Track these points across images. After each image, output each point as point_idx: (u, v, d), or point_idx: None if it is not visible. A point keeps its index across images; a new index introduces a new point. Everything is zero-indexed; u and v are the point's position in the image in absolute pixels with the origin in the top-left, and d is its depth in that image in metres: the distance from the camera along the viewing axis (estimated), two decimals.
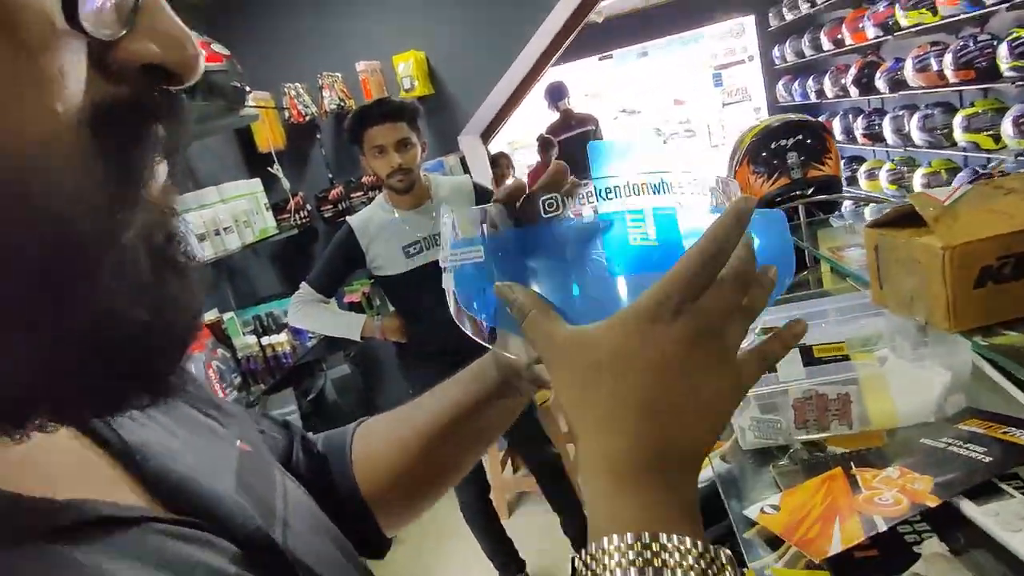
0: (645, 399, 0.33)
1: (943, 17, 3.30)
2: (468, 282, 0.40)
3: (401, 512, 0.58)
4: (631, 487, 0.32)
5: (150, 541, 0.28)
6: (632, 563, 0.29)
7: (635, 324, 0.33)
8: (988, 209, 0.76)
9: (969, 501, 0.61)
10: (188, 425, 0.39)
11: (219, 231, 2.31)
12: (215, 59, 2.29)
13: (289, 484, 0.43)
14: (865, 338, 0.92)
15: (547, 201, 0.39)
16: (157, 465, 0.33)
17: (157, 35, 0.26)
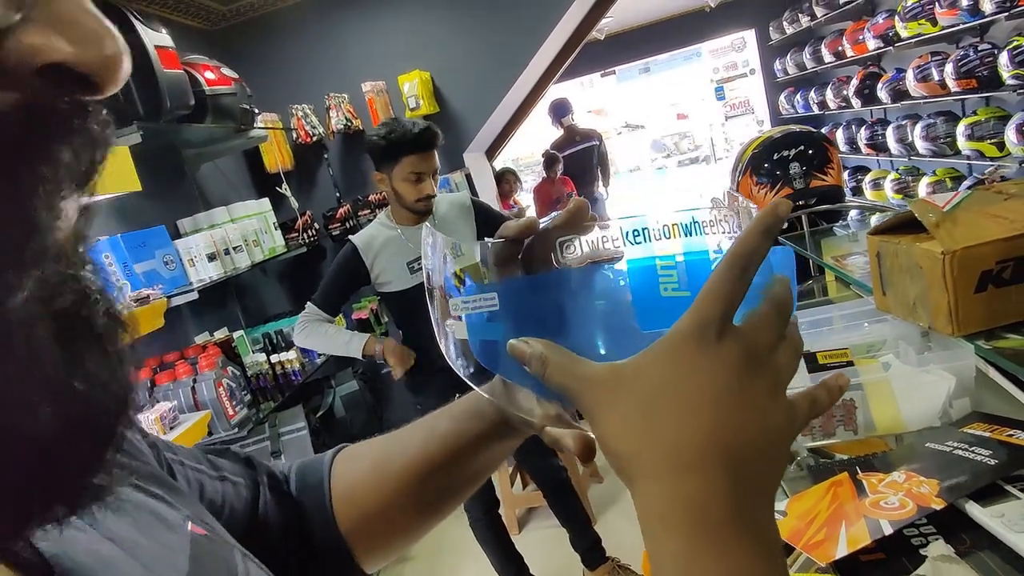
0: (714, 433, 0.29)
1: (943, 27, 3.32)
2: (482, 333, 0.36)
3: (384, 545, 0.53)
4: (713, 540, 0.28)
5: None
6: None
7: (682, 351, 0.30)
8: (987, 214, 0.77)
9: (975, 503, 0.61)
10: (129, 513, 0.32)
11: (229, 250, 2.35)
12: (224, 82, 2.34)
13: (252, 569, 0.37)
14: (869, 344, 0.92)
15: (564, 243, 0.35)
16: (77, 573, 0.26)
17: (64, 26, 0.19)
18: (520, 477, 3.11)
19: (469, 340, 0.37)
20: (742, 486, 0.28)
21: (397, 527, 0.52)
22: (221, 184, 2.95)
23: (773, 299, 0.31)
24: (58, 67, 0.19)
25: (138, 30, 1.83)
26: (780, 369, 0.31)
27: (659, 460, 0.29)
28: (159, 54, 1.88)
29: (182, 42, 2.30)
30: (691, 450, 0.29)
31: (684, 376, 0.30)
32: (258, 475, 0.51)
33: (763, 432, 0.30)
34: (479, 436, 0.48)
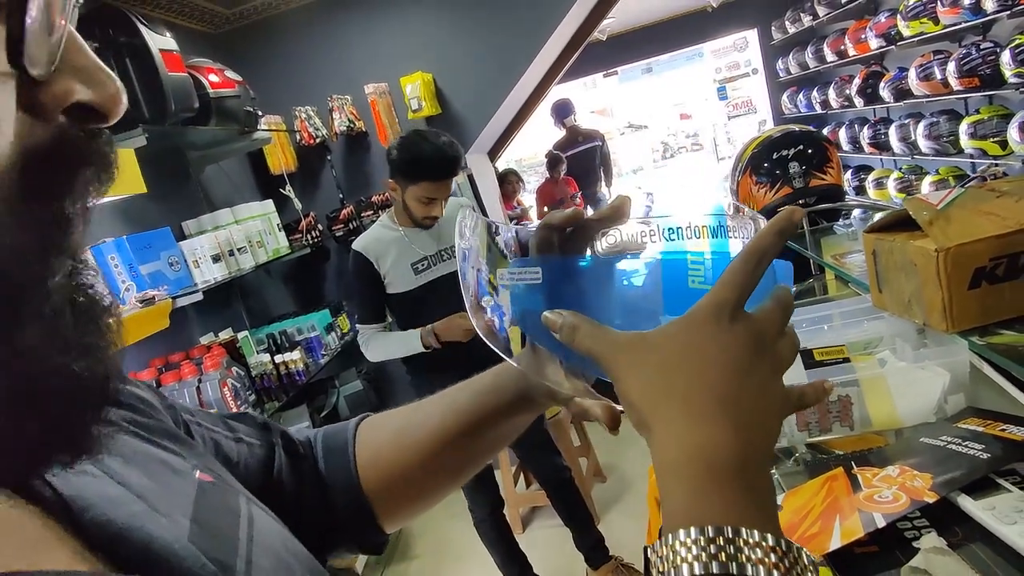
0: (726, 389, 0.33)
1: (945, 26, 3.32)
2: (523, 302, 0.41)
3: (402, 509, 0.57)
4: (716, 481, 0.31)
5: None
6: (714, 557, 0.28)
7: (699, 325, 0.35)
8: (980, 211, 0.78)
9: (967, 496, 0.62)
10: (139, 463, 0.36)
11: (233, 251, 2.36)
12: (228, 85, 2.36)
13: (256, 512, 0.40)
14: (866, 341, 0.93)
15: (605, 234, 0.40)
16: (96, 516, 0.30)
17: (80, 74, 0.26)
18: (523, 476, 3.12)
19: (512, 308, 0.41)
20: (745, 441, 0.32)
21: (417, 491, 0.56)
22: (225, 186, 2.97)
23: (778, 298, 0.37)
24: (79, 105, 0.26)
25: (143, 34, 1.85)
26: (781, 356, 0.36)
27: (674, 411, 0.34)
28: (164, 58, 1.90)
29: (186, 45, 2.32)
30: (703, 404, 0.33)
31: (700, 345, 0.34)
32: (273, 437, 0.54)
33: (764, 401, 0.34)
34: (497, 409, 0.52)
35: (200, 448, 0.45)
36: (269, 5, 3.12)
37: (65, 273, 0.25)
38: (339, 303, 3.14)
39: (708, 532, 0.29)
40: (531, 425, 2.05)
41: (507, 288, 0.41)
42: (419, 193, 1.96)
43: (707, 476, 0.32)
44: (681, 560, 0.29)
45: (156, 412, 0.43)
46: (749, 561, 0.28)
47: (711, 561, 0.29)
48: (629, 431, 0.38)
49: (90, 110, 0.26)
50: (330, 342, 2.86)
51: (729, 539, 0.29)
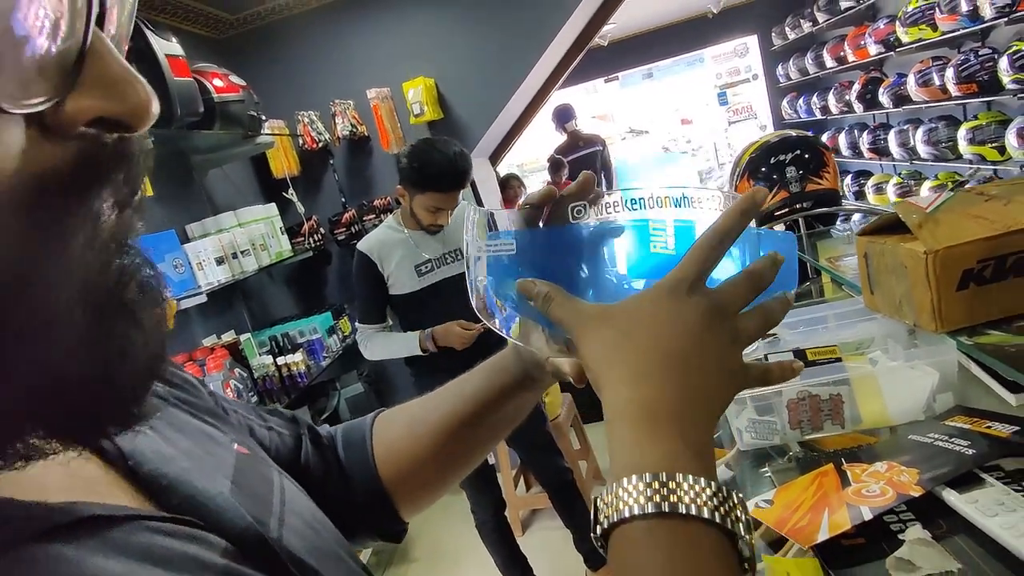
0: (670, 353, 0.36)
1: (943, 32, 3.35)
2: (499, 272, 0.44)
3: (419, 496, 0.60)
4: (653, 433, 0.34)
5: (139, 538, 0.29)
6: (650, 499, 0.31)
7: (657, 297, 0.38)
8: (969, 214, 0.80)
9: (951, 490, 0.64)
10: (187, 432, 0.41)
11: (236, 254, 2.39)
12: (232, 89, 2.39)
13: (287, 484, 0.45)
14: (858, 342, 0.95)
15: (575, 208, 0.43)
16: (151, 469, 0.34)
17: (104, 85, 0.25)
18: (524, 479, 3.13)
19: (488, 278, 0.44)
20: (686, 399, 0.36)
21: (433, 477, 0.60)
22: (229, 189, 3.00)
23: (749, 272, 0.39)
24: (100, 118, 0.25)
25: (149, 40, 1.88)
26: (741, 329, 0.38)
27: (624, 371, 0.37)
28: (170, 63, 1.93)
29: (192, 50, 2.35)
30: (648, 364, 0.36)
31: (654, 314, 0.37)
32: (300, 429, 0.59)
33: (713, 366, 0.37)
34: (503, 388, 0.56)
35: (236, 426, 0.50)
36: (273, 11, 3.15)
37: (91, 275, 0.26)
38: (341, 306, 3.16)
39: (646, 478, 0.32)
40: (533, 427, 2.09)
41: (484, 260, 0.44)
42: (427, 202, 1.99)
43: (645, 427, 0.35)
44: (623, 504, 0.32)
45: (200, 393, 0.48)
46: (681, 501, 0.31)
47: (648, 503, 0.31)
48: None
49: (114, 121, 0.25)
50: (332, 344, 2.88)
51: (664, 483, 0.32)
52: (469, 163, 1.99)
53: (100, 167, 0.26)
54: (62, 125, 0.24)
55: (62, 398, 0.26)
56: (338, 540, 0.45)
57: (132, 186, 0.28)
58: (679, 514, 0.31)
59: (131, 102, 0.25)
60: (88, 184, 0.26)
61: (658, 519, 0.31)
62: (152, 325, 0.29)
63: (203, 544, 0.32)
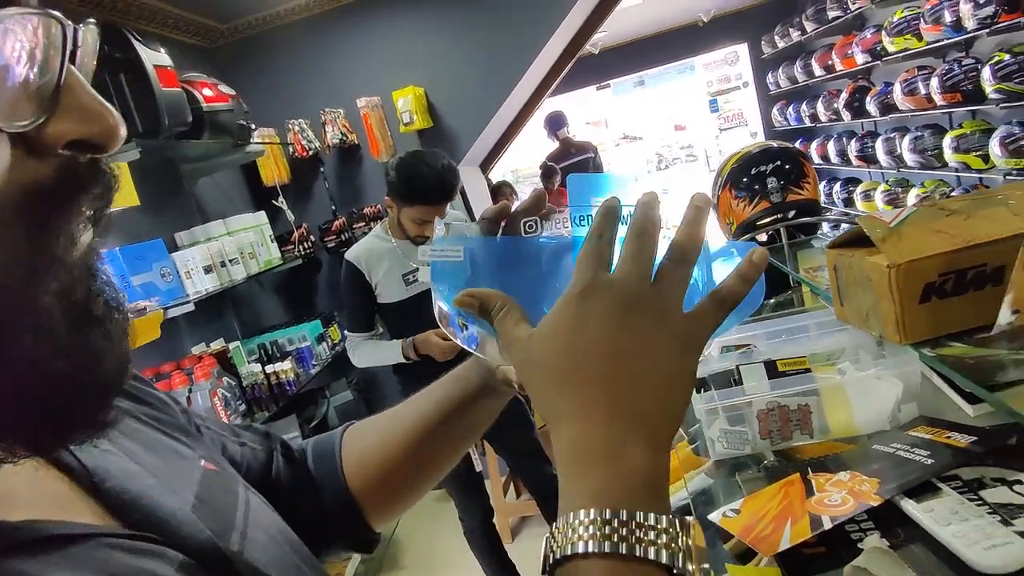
0: (590, 379, 0.34)
1: (928, 43, 3.39)
2: (443, 278, 0.45)
3: (389, 506, 0.61)
4: (592, 469, 0.33)
5: (99, 554, 0.31)
6: (600, 534, 0.31)
7: (564, 312, 0.36)
8: (931, 229, 0.82)
9: (909, 500, 0.65)
10: (153, 449, 0.42)
11: (225, 262, 2.39)
12: (221, 99, 2.40)
13: (253, 499, 0.45)
14: (829, 352, 0.97)
15: (527, 223, 0.44)
16: (114, 485, 0.35)
17: (80, 112, 0.29)
18: (514, 486, 3.14)
19: (433, 284, 0.45)
20: (618, 425, 0.34)
21: (403, 486, 0.61)
22: (218, 198, 3.01)
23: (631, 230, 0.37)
24: (76, 141, 0.29)
25: (138, 50, 1.89)
26: (664, 295, 0.36)
27: (559, 412, 0.35)
28: (158, 73, 1.94)
29: (181, 59, 2.36)
30: (578, 403, 0.35)
31: (567, 336, 0.36)
32: (273, 444, 0.61)
33: (648, 363, 0.35)
34: (466, 397, 0.57)
35: (207, 443, 0.51)
36: (263, 20, 3.17)
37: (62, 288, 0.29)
38: (330, 314, 3.17)
39: (599, 514, 0.31)
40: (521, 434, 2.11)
41: (427, 264, 0.45)
42: (414, 215, 2.01)
43: (578, 467, 0.34)
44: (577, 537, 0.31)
45: (171, 411, 0.49)
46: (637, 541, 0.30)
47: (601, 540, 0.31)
48: None
49: (88, 143, 0.30)
50: (321, 352, 2.89)
51: (615, 520, 0.31)
52: (456, 176, 2.00)
53: (78, 181, 0.30)
54: (44, 145, 0.28)
55: (34, 403, 0.28)
56: (304, 555, 0.45)
57: (103, 202, 0.31)
58: (633, 556, 0.30)
59: (102, 126, 0.30)
60: (69, 195, 0.29)
61: (609, 559, 0.30)
62: (118, 338, 0.31)
63: (161, 559, 0.33)
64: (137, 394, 0.47)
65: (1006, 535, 0.56)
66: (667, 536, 0.31)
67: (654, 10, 5.25)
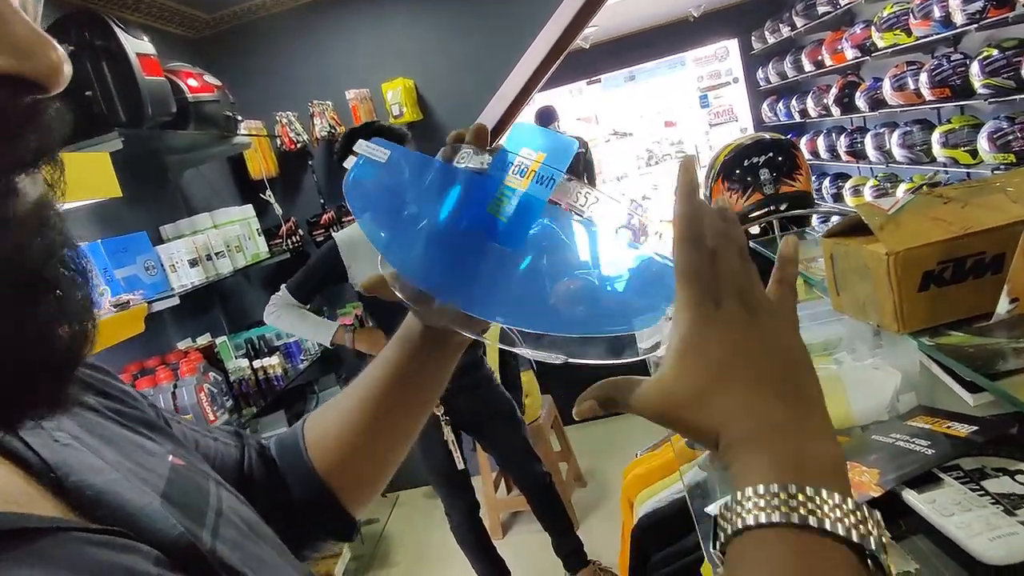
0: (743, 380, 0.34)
1: (917, 38, 3.40)
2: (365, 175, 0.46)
3: (360, 484, 0.60)
4: (769, 445, 0.33)
5: (68, 549, 0.28)
6: (785, 507, 0.29)
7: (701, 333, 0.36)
8: (929, 217, 0.81)
9: (911, 490, 0.64)
10: (117, 444, 0.40)
11: (211, 256, 2.35)
12: (207, 89, 2.36)
13: (224, 494, 0.43)
14: (826, 343, 0.96)
15: (462, 152, 0.44)
16: (77, 480, 0.33)
17: (11, 45, 0.25)
18: (505, 482, 3.12)
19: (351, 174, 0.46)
20: (791, 407, 0.34)
21: (367, 462, 0.59)
22: (205, 190, 2.96)
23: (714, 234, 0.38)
24: (9, 77, 0.25)
25: (119, 37, 1.85)
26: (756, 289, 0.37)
27: (714, 425, 0.35)
28: (140, 61, 1.90)
29: (165, 50, 2.32)
30: (732, 403, 0.34)
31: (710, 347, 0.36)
32: (245, 440, 0.60)
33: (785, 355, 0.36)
34: (411, 356, 0.57)
35: (176, 437, 0.48)
36: (250, 10, 3.12)
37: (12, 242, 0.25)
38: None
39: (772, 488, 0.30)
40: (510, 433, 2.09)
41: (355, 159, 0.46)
42: None
43: (755, 444, 0.33)
44: (753, 512, 0.30)
45: (138, 404, 0.47)
46: (813, 514, 0.29)
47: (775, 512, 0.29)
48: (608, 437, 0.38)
49: (25, 81, 0.26)
50: (309, 348, 2.85)
51: (791, 494, 0.30)
52: (396, 126, 2.09)
53: (13, 125, 0.26)
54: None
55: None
56: (279, 549, 0.44)
57: (46, 150, 0.27)
58: (813, 528, 0.29)
59: (41, 63, 0.26)
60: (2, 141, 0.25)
61: (794, 531, 0.29)
62: (76, 305, 0.28)
63: (136, 554, 0.31)
64: (100, 387, 0.45)
65: (1010, 525, 0.55)
66: (855, 517, 0.30)
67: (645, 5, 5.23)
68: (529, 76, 3.58)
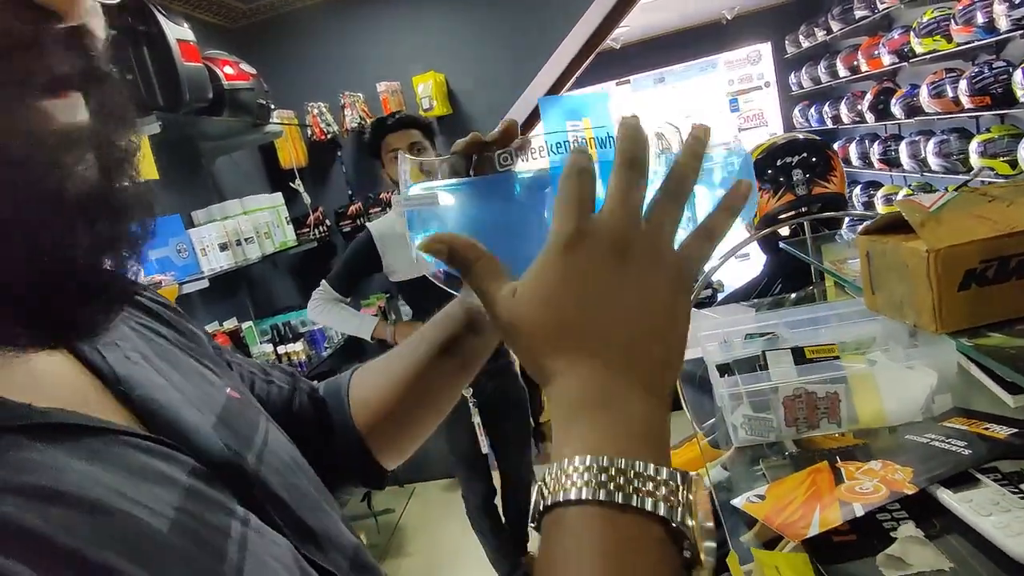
0: (583, 334, 0.33)
1: (958, 44, 3.33)
2: (419, 225, 0.42)
3: (395, 444, 0.63)
4: (587, 416, 0.32)
5: (113, 448, 0.31)
6: (595, 481, 0.29)
7: (548, 265, 0.34)
8: (972, 214, 0.79)
9: (946, 489, 0.63)
10: (182, 370, 0.43)
11: (240, 241, 2.39)
12: (242, 77, 2.39)
13: (272, 430, 0.46)
14: (858, 342, 0.94)
15: (501, 155, 0.41)
16: (141, 394, 0.36)
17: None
18: None
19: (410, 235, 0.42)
20: (614, 373, 0.32)
21: (403, 422, 0.62)
22: (236, 177, 3.01)
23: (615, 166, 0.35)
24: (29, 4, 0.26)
25: (161, 23, 1.89)
26: (656, 237, 0.34)
27: (547, 365, 0.34)
28: (180, 47, 1.94)
29: (203, 38, 2.36)
30: (569, 355, 0.33)
31: (556, 288, 0.34)
32: (298, 383, 0.63)
33: (643, 310, 0.33)
34: (453, 336, 0.59)
35: (236, 378, 0.53)
36: (285, 1, 3.16)
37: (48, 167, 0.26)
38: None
39: (595, 461, 0.29)
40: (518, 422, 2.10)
41: (404, 214, 0.43)
42: (387, 152, 2.11)
43: (569, 416, 0.32)
44: (566, 486, 0.29)
45: (202, 342, 0.51)
46: (630, 491, 0.28)
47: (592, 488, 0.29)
48: None
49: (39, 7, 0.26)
50: (333, 336, 2.88)
51: (611, 468, 0.29)
52: (421, 116, 2.16)
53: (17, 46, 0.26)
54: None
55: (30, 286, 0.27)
56: (316, 485, 0.46)
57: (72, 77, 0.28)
58: (629, 506, 0.28)
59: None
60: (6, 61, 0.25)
61: (602, 507, 0.28)
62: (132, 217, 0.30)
63: (175, 462, 0.33)
64: (174, 322, 0.49)
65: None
66: (666, 488, 0.29)
67: (678, 6, 5.19)
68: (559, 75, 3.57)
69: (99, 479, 0.29)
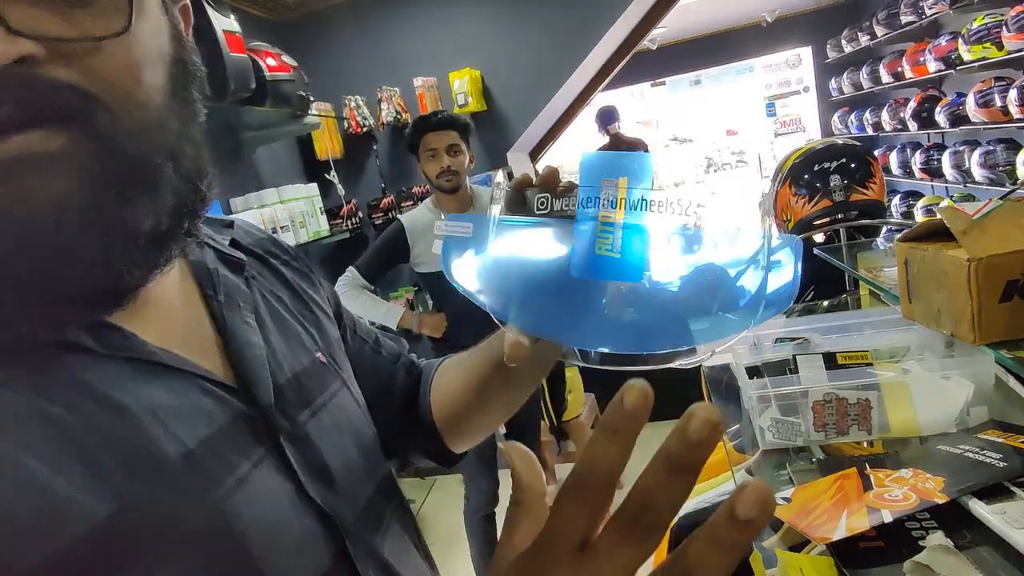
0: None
1: (1009, 52, 3.23)
2: (451, 253, 0.44)
3: (462, 436, 0.70)
4: None
5: (179, 384, 0.39)
6: None
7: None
8: (1017, 225, 0.77)
9: (978, 500, 0.62)
10: (285, 332, 0.52)
11: (276, 229, 2.45)
12: (284, 69, 2.44)
13: (345, 396, 0.54)
14: (892, 350, 0.93)
15: (539, 199, 0.43)
16: (235, 347, 0.46)
17: None
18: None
19: (441, 259, 0.44)
20: None
21: (469, 421, 0.69)
22: (273, 167, 3.07)
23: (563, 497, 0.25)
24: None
25: (208, 14, 1.94)
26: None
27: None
28: (227, 38, 1.99)
29: (248, 30, 2.41)
30: None
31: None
32: (403, 357, 0.72)
33: None
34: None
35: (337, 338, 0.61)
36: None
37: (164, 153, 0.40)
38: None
39: None
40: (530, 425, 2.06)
41: (440, 239, 0.45)
42: (424, 150, 2.15)
43: None
44: None
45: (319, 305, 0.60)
46: None
47: None
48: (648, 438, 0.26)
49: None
50: None
51: None
52: (460, 116, 2.18)
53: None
54: None
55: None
56: (366, 453, 0.53)
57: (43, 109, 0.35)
58: None
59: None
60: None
61: None
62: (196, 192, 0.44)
63: (225, 405, 0.42)
64: (294, 283, 0.58)
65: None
66: None
67: (717, 8, 5.13)
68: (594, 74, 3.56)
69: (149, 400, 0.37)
